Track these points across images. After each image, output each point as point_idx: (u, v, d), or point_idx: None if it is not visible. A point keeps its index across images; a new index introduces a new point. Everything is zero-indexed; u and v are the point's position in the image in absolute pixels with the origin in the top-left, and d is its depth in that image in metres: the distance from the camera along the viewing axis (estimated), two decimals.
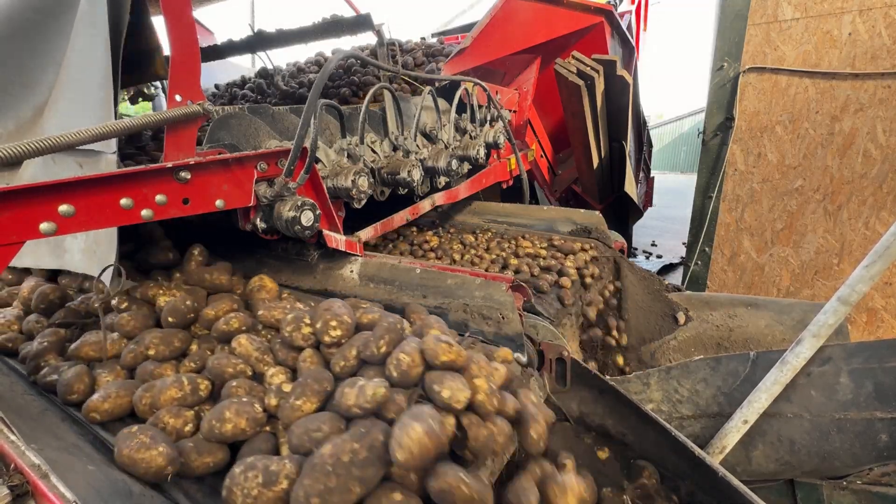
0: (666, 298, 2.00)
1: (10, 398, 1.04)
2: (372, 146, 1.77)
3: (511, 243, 2.07)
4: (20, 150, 0.83)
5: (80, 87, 1.17)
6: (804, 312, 1.73)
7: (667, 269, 5.58)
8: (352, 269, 1.51)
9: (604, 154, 3.22)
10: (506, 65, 3.09)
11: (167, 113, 1.11)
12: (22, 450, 0.69)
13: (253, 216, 1.29)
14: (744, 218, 3.10)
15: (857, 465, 1.20)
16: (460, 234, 2.25)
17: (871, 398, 1.19)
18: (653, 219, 8.19)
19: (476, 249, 2.02)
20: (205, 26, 4.54)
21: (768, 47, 2.80)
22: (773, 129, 2.89)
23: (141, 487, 0.80)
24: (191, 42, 1.16)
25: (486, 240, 2.14)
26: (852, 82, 2.62)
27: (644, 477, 1.01)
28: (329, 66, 1.30)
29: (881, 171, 2.65)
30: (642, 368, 1.71)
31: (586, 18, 3.15)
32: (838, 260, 2.86)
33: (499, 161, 2.60)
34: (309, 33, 2.66)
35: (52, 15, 1.23)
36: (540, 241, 2.09)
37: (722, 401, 1.32)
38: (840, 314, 1.19)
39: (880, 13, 2.50)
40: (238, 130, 1.41)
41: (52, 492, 0.63)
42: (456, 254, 1.98)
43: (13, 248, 0.86)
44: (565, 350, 1.17)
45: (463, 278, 1.31)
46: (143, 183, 0.99)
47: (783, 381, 1.23)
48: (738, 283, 3.21)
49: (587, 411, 1.16)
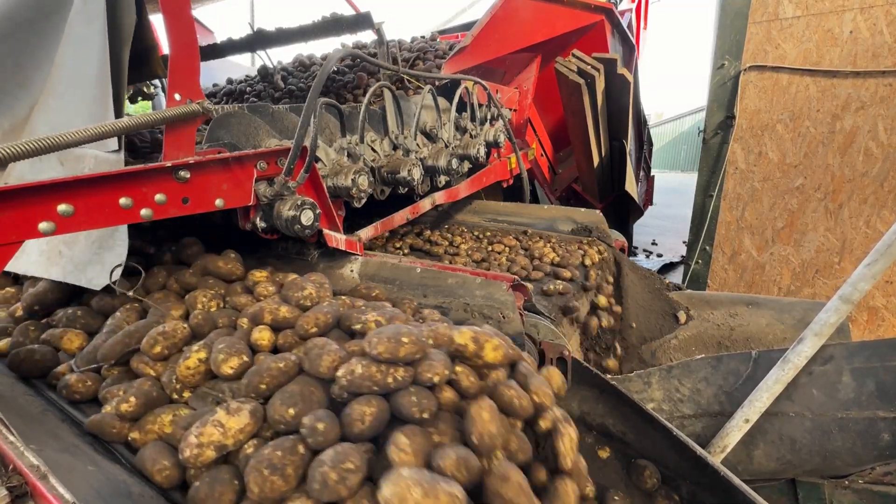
0: (667, 297, 2.00)
1: (10, 398, 1.03)
2: (372, 145, 1.77)
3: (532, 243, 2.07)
4: (15, 151, 0.83)
5: (72, 86, 1.17)
6: (805, 311, 1.72)
7: (667, 267, 5.58)
8: (352, 269, 1.50)
9: (604, 153, 3.21)
10: (506, 63, 3.08)
11: (166, 112, 1.10)
12: (21, 450, 0.69)
13: (253, 215, 1.29)
14: (744, 216, 3.09)
15: (859, 465, 1.20)
16: (498, 236, 2.23)
17: (873, 397, 1.19)
18: (653, 218, 8.19)
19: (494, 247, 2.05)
20: (204, 25, 4.53)
21: (769, 45, 2.79)
22: (774, 127, 2.88)
23: (141, 488, 0.79)
24: (190, 41, 1.15)
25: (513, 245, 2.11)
26: (853, 80, 2.62)
27: (645, 476, 1.01)
28: (329, 64, 1.29)
29: (882, 169, 2.64)
30: (643, 367, 1.71)
31: (587, 17, 3.14)
32: (839, 258, 2.86)
33: (499, 160, 2.59)
34: (309, 32, 2.64)
35: (47, 13, 1.22)
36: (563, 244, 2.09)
37: (723, 400, 1.32)
38: (842, 313, 1.19)
39: (881, 11, 2.49)
40: (238, 129, 1.41)
41: (52, 493, 0.63)
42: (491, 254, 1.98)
43: (12, 248, 0.86)
44: (566, 349, 1.17)
45: (464, 277, 1.31)
46: (143, 182, 0.99)
47: (785, 380, 1.23)
48: (738, 282, 3.21)
49: (588, 410, 1.15)
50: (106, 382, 1.05)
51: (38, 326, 1.24)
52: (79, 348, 1.15)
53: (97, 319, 1.24)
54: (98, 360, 1.06)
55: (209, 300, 1.19)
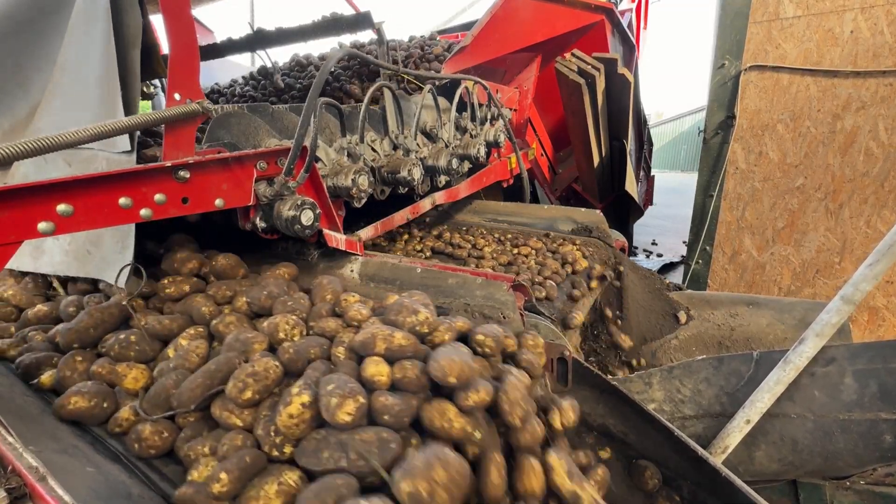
0: (667, 297, 2.00)
1: (9, 399, 1.03)
2: (372, 145, 1.76)
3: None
4: (15, 150, 0.83)
5: (76, 86, 1.16)
6: (805, 311, 1.72)
7: (667, 267, 5.58)
8: (352, 269, 1.50)
9: (604, 153, 3.21)
10: (506, 63, 3.08)
11: (166, 112, 1.10)
12: (20, 452, 0.68)
13: (252, 215, 1.28)
14: (745, 216, 3.09)
15: (861, 466, 1.19)
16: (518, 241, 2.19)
17: (876, 399, 1.19)
18: (653, 218, 8.19)
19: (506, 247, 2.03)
20: (204, 25, 4.53)
21: (769, 45, 2.79)
22: (775, 127, 2.88)
23: (141, 489, 0.79)
24: (190, 40, 1.15)
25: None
26: (854, 80, 2.61)
27: (646, 477, 1.01)
28: (329, 64, 1.29)
29: (883, 169, 2.64)
30: (643, 368, 1.71)
31: (587, 16, 3.14)
32: (839, 258, 2.86)
33: (499, 160, 2.59)
34: (308, 32, 2.64)
35: (47, 13, 1.22)
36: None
37: (724, 400, 1.31)
38: (843, 313, 1.18)
39: (882, 11, 2.49)
40: (237, 129, 1.41)
41: (50, 494, 0.62)
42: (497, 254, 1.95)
43: (11, 248, 0.86)
44: (566, 349, 1.17)
45: (464, 278, 1.31)
46: (142, 182, 0.99)
47: (786, 381, 1.23)
48: (738, 282, 3.21)
49: (589, 411, 1.15)
50: (184, 434, 0.89)
51: (87, 357, 1.08)
52: (143, 388, 1.00)
53: (154, 345, 1.11)
54: (175, 406, 0.90)
55: (292, 327, 1.03)
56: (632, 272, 2.01)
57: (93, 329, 1.11)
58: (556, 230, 2.23)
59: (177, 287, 1.25)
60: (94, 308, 1.14)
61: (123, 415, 0.94)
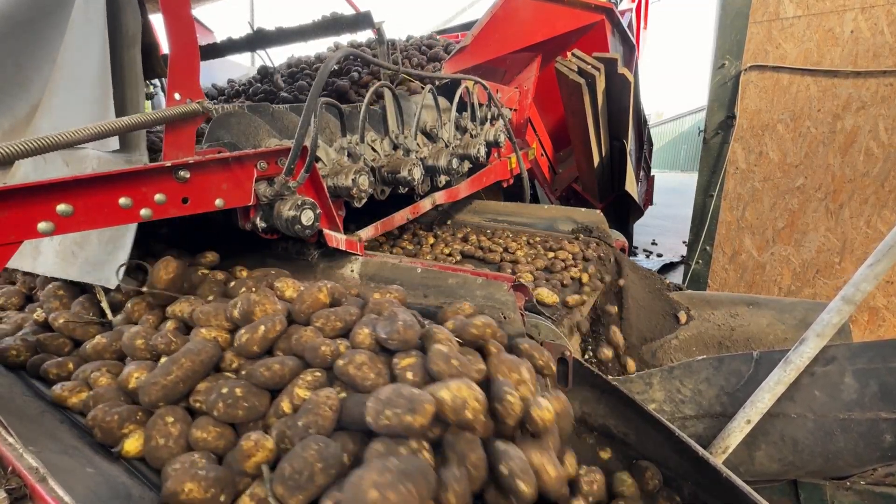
0: (667, 297, 1.99)
1: (9, 399, 1.03)
2: (372, 145, 1.76)
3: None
4: (15, 150, 0.82)
5: (74, 85, 1.16)
6: (806, 311, 1.72)
7: (667, 267, 5.58)
8: (352, 269, 1.50)
9: (604, 153, 3.21)
10: (506, 63, 3.07)
11: (166, 111, 1.10)
12: (20, 452, 0.68)
13: (253, 215, 1.28)
14: (745, 216, 3.09)
15: (861, 466, 1.19)
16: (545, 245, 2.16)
17: (876, 398, 1.18)
18: (653, 218, 8.19)
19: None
20: (204, 24, 4.53)
21: (770, 45, 2.79)
22: (775, 127, 2.88)
23: (141, 490, 0.79)
24: (190, 40, 1.15)
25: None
26: (854, 80, 2.61)
27: (647, 477, 1.01)
28: (329, 63, 1.29)
29: (883, 169, 2.64)
30: (644, 368, 1.70)
31: (587, 16, 3.14)
32: (840, 258, 2.86)
33: (499, 160, 2.59)
34: (308, 31, 2.64)
35: (47, 13, 1.22)
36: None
37: (725, 401, 1.31)
38: (844, 313, 1.18)
39: (882, 10, 2.49)
40: (238, 129, 1.41)
41: (51, 495, 0.62)
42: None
43: (11, 248, 0.86)
44: (567, 350, 1.17)
45: (464, 278, 1.31)
46: (142, 182, 0.99)
47: (787, 381, 1.22)
48: (739, 282, 3.21)
49: (589, 411, 1.15)
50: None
51: (178, 417, 0.89)
52: (266, 462, 0.78)
53: (262, 398, 0.91)
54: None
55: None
56: (632, 272, 2.01)
57: (182, 383, 0.90)
58: (557, 230, 2.22)
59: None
60: (184, 356, 0.92)
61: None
